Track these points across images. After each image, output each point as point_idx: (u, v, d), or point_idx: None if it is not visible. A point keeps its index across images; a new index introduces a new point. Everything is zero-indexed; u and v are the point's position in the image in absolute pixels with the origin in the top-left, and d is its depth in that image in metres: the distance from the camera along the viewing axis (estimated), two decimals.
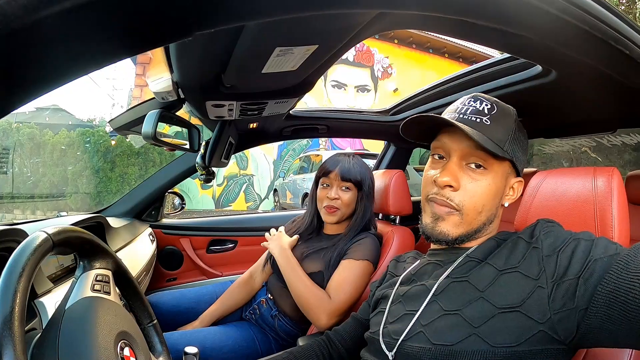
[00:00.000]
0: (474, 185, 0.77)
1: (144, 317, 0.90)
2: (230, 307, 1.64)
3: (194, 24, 0.35)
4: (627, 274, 0.55)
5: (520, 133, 0.81)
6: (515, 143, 0.79)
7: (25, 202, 8.99)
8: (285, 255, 1.44)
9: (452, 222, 0.78)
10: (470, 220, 0.78)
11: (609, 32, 0.66)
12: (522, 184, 0.83)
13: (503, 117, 0.79)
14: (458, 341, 0.67)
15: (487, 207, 0.78)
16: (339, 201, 1.46)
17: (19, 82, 0.31)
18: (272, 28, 0.68)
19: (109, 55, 0.33)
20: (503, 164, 0.78)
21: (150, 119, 1.14)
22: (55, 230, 0.65)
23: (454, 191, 0.77)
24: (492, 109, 0.79)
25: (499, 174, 0.78)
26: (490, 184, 0.77)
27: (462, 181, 0.77)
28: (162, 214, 2.26)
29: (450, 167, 0.78)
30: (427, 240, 0.83)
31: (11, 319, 0.50)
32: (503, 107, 0.81)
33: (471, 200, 0.77)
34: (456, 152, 0.78)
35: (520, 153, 0.80)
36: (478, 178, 0.77)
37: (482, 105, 0.79)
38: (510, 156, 0.77)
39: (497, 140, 0.76)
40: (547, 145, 9.05)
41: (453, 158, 0.79)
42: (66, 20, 0.27)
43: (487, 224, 0.80)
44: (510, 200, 0.82)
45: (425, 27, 0.78)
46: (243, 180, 10.65)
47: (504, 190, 0.80)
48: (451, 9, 0.56)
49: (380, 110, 2.01)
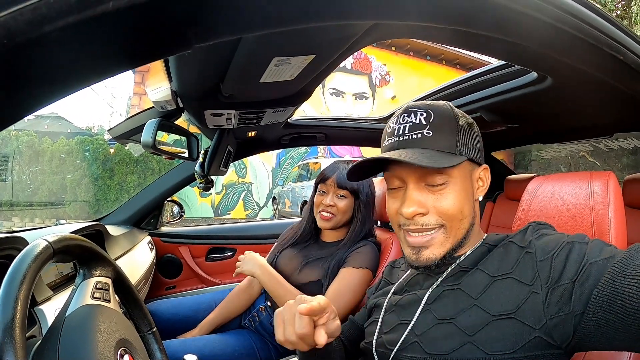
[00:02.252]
0: (442, 201, 0.73)
1: (143, 325, 0.90)
2: (230, 314, 1.64)
3: (193, 38, 0.36)
4: (624, 277, 0.55)
5: (464, 124, 0.76)
6: (464, 138, 0.75)
7: (24, 209, 8.96)
8: (268, 272, 1.43)
9: (437, 243, 0.74)
10: (455, 232, 0.75)
11: (602, 38, 0.67)
12: (487, 170, 0.80)
13: (442, 119, 0.74)
14: (453, 350, 0.66)
15: (466, 213, 0.75)
16: (335, 208, 1.46)
17: (24, 94, 0.31)
18: (269, 39, 0.69)
19: (110, 68, 0.34)
20: (461, 166, 0.74)
21: (150, 127, 1.15)
22: (56, 238, 0.66)
23: (424, 215, 0.74)
24: (429, 116, 0.74)
25: (461, 177, 0.75)
26: (457, 191, 0.74)
27: (428, 202, 0.74)
28: (161, 222, 2.26)
29: (410, 195, 0.75)
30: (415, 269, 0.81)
31: (12, 326, 0.51)
32: (439, 109, 0.76)
33: (446, 214, 0.73)
34: (411, 177, 0.75)
35: (473, 144, 0.77)
36: (442, 192, 0.74)
37: (418, 117, 0.75)
38: (465, 155, 0.74)
39: (446, 147, 0.73)
40: (545, 151, 9.08)
41: (410, 185, 0.75)
42: (69, 35, 0.28)
43: (470, 228, 0.77)
44: (482, 191, 0.79)
45: (421, 37, 0.79)
46: (242, 188, 10.64)
47: (472, 187, 0.77)
48: (446, 19, 0.57)
49: (378, 118, 2.01)
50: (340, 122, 1.98)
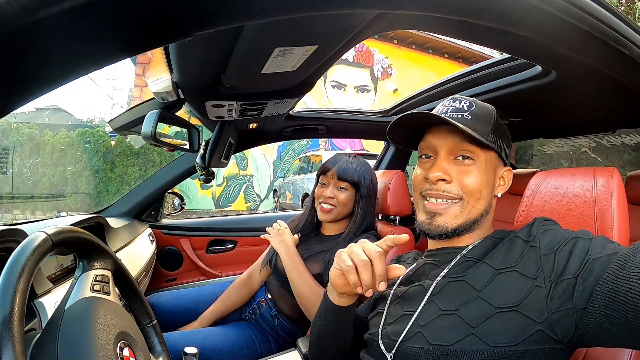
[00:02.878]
0: (466, 176, 0.80)
1: (143, 318, 0.90)
2: (230, 307, 1.64)
3: (193, 24, 0.35)
4: (626, 273, 0.55)
5: (501, 126, 0.84)
6: (497, 135, 0.82)
7: (25, 202, 8.97)
8: (291, 253, 1.44)
9: (451, 214, 0.80)
10: (470, 209, 0.80)
11: (609, 32, 0.66)
12: (511, 173, 0.86)
13: (482, 112, 0.82)
14: (456, 341, 0.67)
15: (485, 194, 0.81)
16: (335, 200, 1.47)
17: (19, 82, 0.31)
18: (271, 28, 0.68)
19: (108, 55, 0.33)
20: (489, 154, 0.81)
21: (150, 119, 1.14)
22: (55, 230, 0.65)
23: (448, 184, 0.80)
24: (471, 106, 0.82)
25: (486, 163, 0.81)
26: (481, 173, 0.80)
27: (454, 174, 0.80)
28: (162, 215, 2.26)
29: (439, 162, 0.81)
30: (425, 236, 0.85)
31: (11, 319, 0.50)
32: (481, 104, 0.84)
33: (467, 189, 0.79)
34: (443, 148, 0.82)
35: (503, 144, 0.84)
36: (468, 169, 0.80)
37: (461, 104, 0.83)
38: (494, 146, 0.81)
39: (480, 132, 0.79)
40: (547, 146, 9.06)
41: (441, 154, 0.82)
42: (66, 20, 0.27)
43: (484, 214, 0.82)
44: (502, 190, 0.85)
45: (425, 28, 0.78)
46: (243, 180, 10.64)
47: (494, 179, 0.83)
48: (451, 9, 0.56)
49: (380, 111, 2.01)
50: (342, 115, 1.98)
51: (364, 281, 0.72)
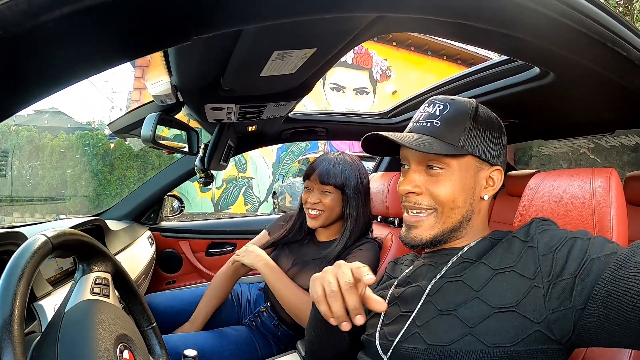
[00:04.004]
0: (435, 186, 0.79)
1: (143, 320, 0.90)
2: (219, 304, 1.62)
3: (192, 28, 0.35)
4: (625, 273, 0.55)
5: (482, 124, 0.81)
6: (474, 136, 0.79)
7: (24, 205, 8.96)
8: (270, 267, 1.42)
9: (425, 226, 0.80)
10: (445, 219, 0.79)
11: (606, 34, 0.66)
12: (500, 172, 0.83)
13: (456, 114, 0.79)
14: (453, 341, 0.67)
15: (459, 203, 0.79)
16: (321, 204, 1.42)
17: (20, 86, 0.31)
18: (270, 31, 0.69)
19: (108, 59, 0.33)
20: (462, 159, 0.79)
21: (149, 122, 1.14)
22: (55, 233, 0.65)
23: (419, 195, 0.80)
24: (445, 108, 0.80)
25: (460, 170, 0.79)
26: (453, 181, 0.78)
27: (425, 185, 0.80)
28: (161, 217, 2.26)
29: (409, 175, 0.82)
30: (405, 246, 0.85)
31: (11, 321, 0.50)
32: (458, 104, 0.81)
33: (437, 199, 0.79)
34: (412, 159, 0.82)
35: (483, 144, 0.80)
36: (437, 178, 0.79)
37: (434, 108, 0.81)
38: (469, 150, 0.78)
39: (449, 139, 0.77)
40: (546, 147, 9.07)
41: (412, 165, 0.83)
42: (66, 25, 0.27)
43: (464, 221, 0.81)
44: (490, 192, 0.82)
45: (423, 30, 0.79)
46: (242, 183, 10.63)
47: (475, 183, 0.80)
48: (449, 12, 0.56)
49: (379, 113, 2.01)
50: (341, 117, 1.97)
51: (334, 313, 0.67)
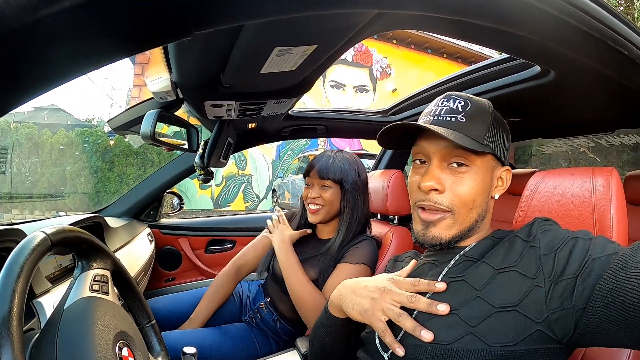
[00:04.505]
0: (459, 185, 0.77)
1: (142, 317, 0.90)
2: (219, 303, 1.63)
3: (193, 24, 0.35)
4: (626, 273, 0.55)
5: (498, 124, 0.80)
6: (494, 135, 0.78)
7: (24, 202, 8.95)
8: (286, 250, 1.42)
9: (444, 225, 0.78)
10: (463, 219, 0.78)
11: (607, 32, 0.66)
12: (509, 172, 0.83)
13: (478, 112, 0.78)
14: (454, 340, 0.67)
15: (478, 203, 0.78)
16: (320, 199, 1.44)
17: (19, 81, 0.30)
18: (271, 28, 0.68)
19: (108, 54, 0.33)
20: (485, 157, 0.78)
21: (149, 118, 1.14)
22: (54, 230, 0.65)
23: (440, 194, 0.77)
24: (466, 105, 0.78)
25: (482, 168, 0.78)
26: (476, 180, 0.77)
27: (447, 182, 0.77)
28: (161, 214, 2.26)
29: (432, 170, 0.78)
30: (420, 246, 0.84)
31: (9, 319, 0.50)
32: (477, 102, 0.80)
33: (460, 199, 0.77)
34: (435, 154, 0.78)
35: (501, 143, 0.80)
36: (462, 176, 0.77)
37: (456, 103, 0.79)
38: (491, 149, 0.77)
39: (475, 136, 0.76)
40: (546, 146, 9.06)
41: (434, 161, 0.79)
42: (65, 20, 0.27)
43: (479, 220, 0.80)
44: (500, 191, 0.82)
45: (424, 28, 0.78)
46: (242, 180, 10.63)
47: (491, 183, 0.80)
48: (450, 9, 0.56)
49: (379, 111, 2.01)
50: (341, 114, 1.97)
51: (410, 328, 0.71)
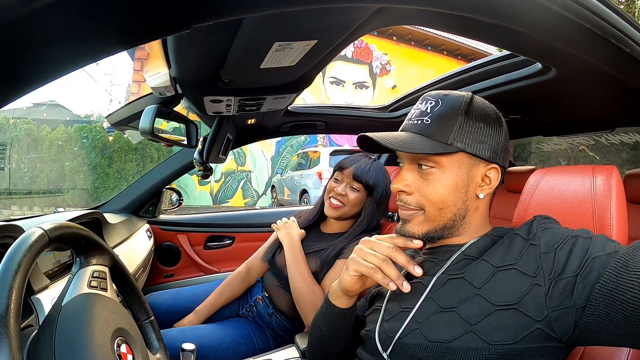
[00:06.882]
0: (426, 186, 0.78)
1: (141, 314, 0.90)
2: (227, 300, 1.64)
3: (191, 17, 0.35)
4: (627, 272, 0.55)
5: (473, 119, 0.76)
6: (465, 132, 0.75)
7: (23, 198, 8.95)
8: (294, 246, 1.44)
9: (417, 221, 0.80)
10: (434, 218, 0.78)
11: (609, 30, 0.66)
12: (497, 171, 0.78)
13: (447, 111, 0.76)
14: (454, 338, 0.67)
15: (449, 203, 0.77)
16: (345, 198, 1.45)
17: (16, 74, 0.30)
18: (271, 22, 0.68)
19: (106, 47, 0.33)
20: (454, 156, 0.76)
21: (148, 114, 1.14)
22: (52, 226, 0.65)
23: (409, 195, 0.80)
24: (436, 105, 0.78)
25: (452, 168, 0.76)
26: (444, 180, 0.76)
27: (416, 184, 0.79)
28: (160, 210, 2.26)
29: (402, 173, 0.82)
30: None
31: (7, 315, 0.50)
32: (450, 99, 0.77)
33: (427, 199, 0.77)
34: (405, 158, 0.82)
35: (475, 140, 0.76)
36: (428, 178, 0.77)
37: (426, 104, 0.79)
38: (459, 147, 0.74)
39: (438, 136, 0.75)
40: (545, 144, 9.06)
41: (404, 164, 0.82)
42: (63, 11, 0.27)
43: (457, 219, 0.78)
44: (486, 190, 0.79)
45: (425, 23, 0.78)
46: (241, 176, 10.63)
47: (468, 181, 0.77)
48: (451, 5, 0.56)
49: (379, 107, 2.00)
50: (340, 111, 1.97)
51: (392, 276, 0.75)
